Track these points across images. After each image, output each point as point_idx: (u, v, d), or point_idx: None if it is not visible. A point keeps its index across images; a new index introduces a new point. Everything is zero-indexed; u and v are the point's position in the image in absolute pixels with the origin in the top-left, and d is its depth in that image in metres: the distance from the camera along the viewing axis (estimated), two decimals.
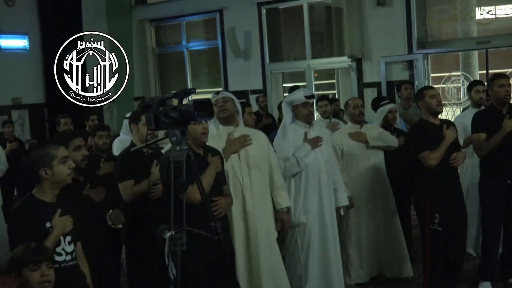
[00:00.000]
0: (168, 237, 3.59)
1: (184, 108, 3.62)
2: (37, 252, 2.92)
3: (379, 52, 10.61)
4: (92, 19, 12.39)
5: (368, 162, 5.80)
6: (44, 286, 2.87)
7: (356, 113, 5.83)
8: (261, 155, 4.77)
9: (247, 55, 11.97)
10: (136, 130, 4.88)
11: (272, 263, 4.74)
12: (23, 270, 2.85)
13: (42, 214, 3.29)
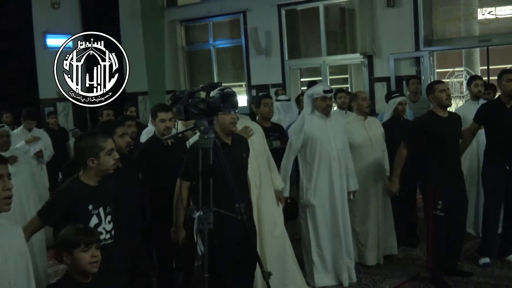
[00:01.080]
0: (196, 217, 3.61)
1: (211, 100, 3.63)
2: (89, 234, 2.91)
3: (388, 49, 10.54)
4: (129, 20, 12.44)
5: (372, 152, 5.72)
6: (93, 266, 2.87)
7: (365, 104, 5.75)
8: (261, 143, 4.79)
9: (268, 52, 11.95)
10: (154, 125, 4.89)
11: (278, 238, 4.77)
12: (75, 251, 2.84)
13: (83, 197, 3.30)
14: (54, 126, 9.09)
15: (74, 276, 2.89)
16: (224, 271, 3.99)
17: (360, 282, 5.28)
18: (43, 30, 10.98)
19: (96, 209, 3.31)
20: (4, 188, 2.41)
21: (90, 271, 2.88)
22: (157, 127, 4.83)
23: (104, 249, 3.26)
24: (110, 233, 3.38)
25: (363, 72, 11.10)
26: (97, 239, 2.94)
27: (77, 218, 3.19)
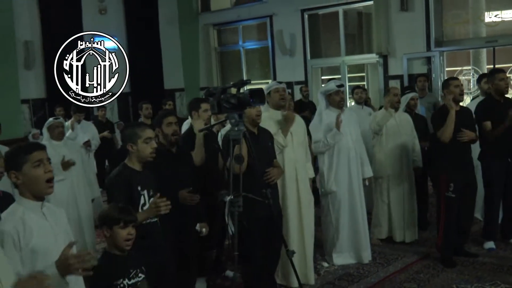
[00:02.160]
0: (227, 201, 3.61)
1: (241, 95, 3.63)
2: (129, 214, 2.93)
3: (402, 50, 10.41)
4: (167, 24, 12.49)
5: (400, 141, 5.73)
6: (127, 244, 2.90)
7: (396, 100, 5.78)
8: (302, 133, 4.76)
9: (292, 53, 11.90)
10: (196, 116, 4.85)
11: (310, 220, 4.75)
12: (114, 227, 2.88)
13: (133, 179, 3.33)
14: (103, 119, 9.18)
15: (111, 250, 2.93)
16: (252, 249, 3.99)
17: (375, 261, 5.26)
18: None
19: (143, 190, 3.34)
20: (46, 171, 2.42)
21: (125, 247, 2.90)
22: (200, 117, 4.81)
23: (148, 227, 3.29)
24: None
25: (378, 70, 10.98)
26: (134, 219, 2.96)
27: (132, 198, 3.24)
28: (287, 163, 4.54)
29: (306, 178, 4.74)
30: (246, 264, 4.03)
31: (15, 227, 2.30)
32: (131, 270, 2.90)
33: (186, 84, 12.98)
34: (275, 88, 4.68)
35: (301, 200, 4.61)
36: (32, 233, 2.34)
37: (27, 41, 9.80)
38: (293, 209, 4.57)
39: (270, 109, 4.69)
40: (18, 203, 2.42)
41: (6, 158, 2.48)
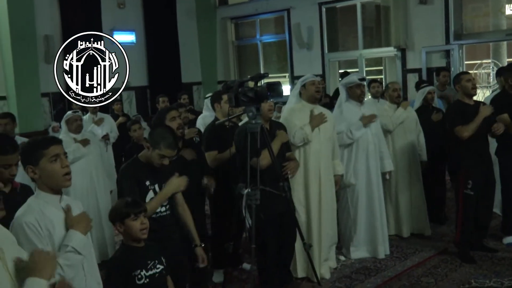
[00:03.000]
0: (245, 194, 3.62)
1: (259, 89, 3.63)
2: (137, 206, 2.95)
3: (420, 43, 10.30)
4: (185, 18, 12.49)
5: (405, 137, 5.68)
6: (143, 233, 2.91)
7: (395, 95, 5.72)
8: (331, 129, 4.72)
9: (309, 46, 11.84)
10: (219, 107, 4.87)
11: (333, 212, 4.75)
12: (126, 220, 2.90)
13: (141, 173, 3.34)
14: (119, 112, 9.22)
15: (128, 243, 2.95)
16: (269, 241, 4.00)
17: (392, 255, 5.23)
18: (110, 27, 11.14)
19: (153, 185, 3.35)
20: (63, 166, 2.42)
21: (141, 237, 2.92)
22: (222, 108, 4.82)
23: (160, 220, 3.31)
24: (165, 207, 3.41)
25: (396, 64, 10.88)
26: (144, 209, 2.97)
27: (138, 191, 3.25)
28: (311, 155, 4.53)
29: (330, 173, 4.69)
30: (262, 257, 4.03)
31: (36, 219, 2.31)
32: (148, 262, 2.92)
33: (203, 78, 13.00)
34: (311, 80, 4.64)
35: (321, 195, 4.58)
36: (53, 226, 2.35)
37: (47, 35, 9.88)
38: (315, 202, 4.55)
39: (303, 101, 4.66)
40: (37, 197, 2.43)
41: (22, 152, 2.48)
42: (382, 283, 4.61)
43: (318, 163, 4.57)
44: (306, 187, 4.54)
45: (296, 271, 4.59)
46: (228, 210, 4.30)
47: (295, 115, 4.48)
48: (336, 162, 4.81)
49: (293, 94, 4.73)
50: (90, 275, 2.49)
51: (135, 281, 2.86)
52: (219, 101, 4.84)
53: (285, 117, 4.62)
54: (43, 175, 2.39)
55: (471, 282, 4.49)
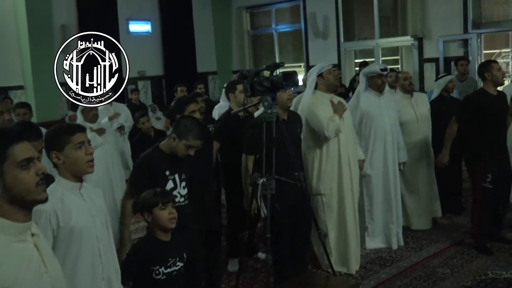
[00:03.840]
0: (260, 183, 3.62)
1: (274, 78, 3.61)
2: (165, 195, 2.98)
3: (438, 32, 10.16)
4: (200, 7, 12.47)
5: (418, 127, 5.60)
6: (171, 222, 2.94)
7: (406, 84, 5.64)
8: (350, 117, 4.70)
9: (325, 36, 11.75)
10: (233, 97, 4.87)
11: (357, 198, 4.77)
12: (154, 209, 2.92)
13: (161, 163, 3.35)
14: (136, 102, 9.28)
15: (155, 234, 2.96)
16: (284, 231, 4.00)
17: (407, 246, 5.21)
18: (126, 17, 11.17)
19: (172, 175, 3.36)
20: (87, 153, 2.46)
21: (169, 227, 2.94)
22: (236, 98, 4.81)
23: (178, 210, 3.33)
24: (184, 197, 3.43)
25: (413, 53, 10.76)
26: (172, 199, 3.01)
27: (156, 182, 3.26)
28: (341, 146, 4.52)
29: (356, 161, 4.69)
30: (277, 246, 4.04)
31: (53, 207, 2.33)
32: (169, 259, 2.93)
33: (218, 67, 12.99)
34: (328, 69, 4.58)
35: (353, 183, 4.60)
36: (71, 213, 2.38)
37: (64, 24, 9.93)
38: (348, 192, 4.56)
39: (319, 92, 4.58)
40: (58, 184, 2.46)
41: (47, 138, 2.51)
42: (397, 273, 4.60)
43: (347, 152, 4.56)
44: (340, 177, 4.54)
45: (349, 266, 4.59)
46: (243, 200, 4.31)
47: (318, 107, 4.43)
48: (357, 148, 4.79)
49: (309, 87, 4.64)
50: (108, 262, 2.52)
51: (152, 275, 2.87)
52: (234, 91, 4.83)
53: (309, 110, 4.51)
54: (68, 161, 2.43)
55: (488, 273, 4.46)
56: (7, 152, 1.68)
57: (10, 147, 1.68)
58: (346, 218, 4.55)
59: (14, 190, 1.67)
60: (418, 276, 4.52)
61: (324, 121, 4.39)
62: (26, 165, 1.69)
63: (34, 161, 1.72)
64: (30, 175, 1.70)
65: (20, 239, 1.69)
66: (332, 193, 4.53)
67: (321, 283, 3.76)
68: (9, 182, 1.67)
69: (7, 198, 1.67)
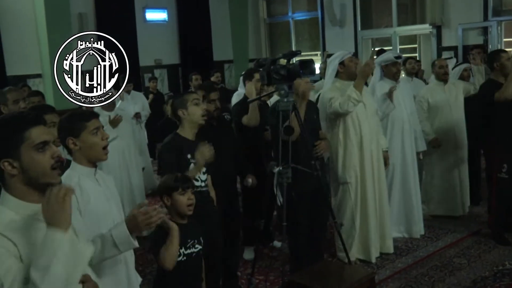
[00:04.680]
0: (276, 172, 3.61)
1: (291, 66, 3.59)
2: (185, 181, 2.99)
3: (457, 20, 10.03)
4: None
5: (451, 115, 5.58)
6: (189, 209, 2.95)
7: (441, 72, 5.59)
8: (374, 104, 4.66)
9: (342, 24, 11.67)
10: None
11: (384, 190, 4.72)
12: (174, 194, 2.94)
13: (184, 148, 3.38)
14: (154, 90, 9.31)
15: (173, 218, 2.98)
16: (300, 220, 4.00)
17: (424, 235, 5.18)
18: (142, 5, 11.19)
19: (194, 158, 3.38)
20: (103, 138, 2.51)
21: (187, 213, 2.95)
22: (253, 86, 4.80)
23: (199, 195, 3.35)
24: (204, 182, 3.45)
25: (431, 41, 10.64)
26: (192, 185, 3.02)
27: (179, 165, 3.28)
28: (364, 134, 4.48)
29: (379, 149, 4.64)
30: (294, 235, 4.04)
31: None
32: (189, 240, 2.94)
33: (235, 56, 12.97)
34: (349, 57, 4.54)
35: (374, 171, 4.57)
36: (89, 198, 2.42)
37: (81, 13, 9.99)
38: (370, 181, 4.53)
39: (340, 81, 4.53)
40: (73, 169, 2.50)
41: (62, 125, 2.54)
42: (413, 263, 4.58)
43: (369, 139, 4.52)
44: (362, 165, 4.51)
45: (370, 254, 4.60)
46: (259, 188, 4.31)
47: (337, 93, 4.40)
48: (380, 136, 4.73)
49: (329, 75, 4.60)
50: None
51: None
52: (250, 78, 4.82)
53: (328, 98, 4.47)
54: (84, 147, 2.47)
55: (505, 264, 4.42)
56: (25, 135, 1.71)
57: (27, 130, 1.72)
58: (368, 208, 4.53)
59: (30, 172, 1.72)
60: (434, 266, 4.50)
61: (336, 101, 4.34)
62: (42, 148, 1.73)
63: (50, 144, 1.76)
64: (45, 158, 1.74)
65: (36, 219, 1.73)
66: (356, 181, 4.52)
67: (337, 272, 3.76)
68: (26, 163, 1.71)
69: (23, 180, 1.72)
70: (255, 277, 4.13)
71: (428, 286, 4.15)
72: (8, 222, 1.67)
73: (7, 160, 1.70)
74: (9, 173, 1.71)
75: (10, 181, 1.72)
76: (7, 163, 1.70)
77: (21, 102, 4.17)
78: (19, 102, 4.16)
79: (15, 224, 1.68)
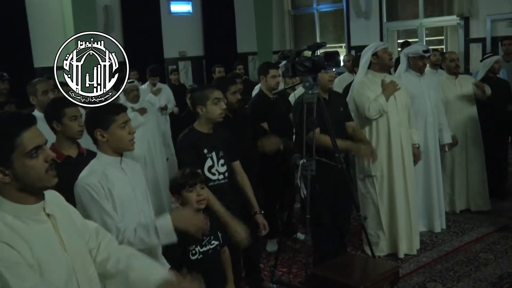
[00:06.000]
0: (300, 164, 3.61)
1: (316, 58, 3.58)
2: (193, 176, 2.96)
3: (486, 11, 9.82)
4: None
5: (462, 110, 5.50)
6: (200, 204, 2.94)
7: (453, 65, 5.50)
8: (405, 97, 4.60)
9: (367, 15, 11.53)
10: (264, 81, 4.83)
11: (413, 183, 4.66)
12: (182, 192, 2.93)
13: (199, 142, 3.37)
14: (176, 82, 9.35)
15: None
16: (324, 213, 3.99)
17: (449, 230, 5.13)
18: None
19: (210, 153, 3.39)
20: (130, 132, 2.56)
21: (198, 208, 2.93)
22: (267, 82, 4.80)
23: (218, 188, 3.35)
24: (223, 174, 3.44)
25: (458, 33, 10.45)
26: (200, 180, 2.97)
27: (198, 160, 3.29)
28: (392, 127, 4.45)
29: (409, 143, 4.60)
30: (317, 228, 4.04)
31: (99, 181, 2.43)
32: (204, 237, 2.94)
33: (259, 48, 12.94)
34: (383, 48, 4.51)
35: (405, 165, 4.52)
36: (114, 186, 2.47)
37: (107, 5, 10.07)
38: (399, 175, 4.49)
39: (371, 72, 4.52)
40: (98, 159, 2.56)
41: (91, 117, 2.58)
42: (438, 258, 4.54)
43: (399, 133, 4.48)
44: (389, 159, 4.48)
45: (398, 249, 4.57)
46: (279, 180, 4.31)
47: (366, 87, 4.38)
48: (412, 131, 4.67)
49: (362, 66, 4.57)
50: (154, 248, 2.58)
51: (189, 256, 2.90)
52: (266, 74, 4.78)
53: (357, 90, 4.48)
54: (112, 139, 2.52)
55: None
56: (16, 142, 1.65)
57: (18, 136, 1.66)
58: (396, 203, 4.49)
59: (25, 179, 1.67)
60: (459, 261, 4.45)
61: (366, 101, 4.34)
62: (35, 153, 1.68)
63: (42, 147, 1.71)
64: (39, 163, 1.69)
65: (36, 220, 1.71)
66: (382, 175, 4.48)
67: (360, 265, 3.75)
68: (19, 171, 1.66)
69: (16, 186, 1.68)
70: (278, 269, 4.15)
71: (453, 281, 4.11)
72: (10, 229, 1.64)
73: None
74: (2, 181, 1.66)
75: (4, 188, 1.67)
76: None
77: (50, 93, 4.22)
78: (48, 93, 4.21)
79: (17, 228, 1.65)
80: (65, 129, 3.03)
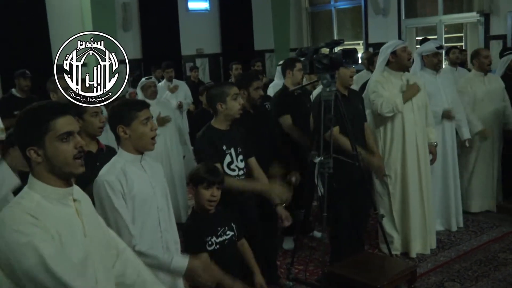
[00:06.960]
0: (317, 162, 3.60)
1: (334, 55, 3.56)
2: (214, 175, 2.97)
3: (506, 7, 9.68)
4: None
5: (491, 106, 5.43)
6: (209, 204, 2.95)
7: (487, 62, 5.43)
8: (423, 97, 4.57)
9: (385, 12, 11.45)
10: (291, 74, 4.82)
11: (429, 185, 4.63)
12: (199, 186, 2.95)
13: (217, 139, 3.38)
14: (195, 79, 9.39)
15: (197, 210, 3.01)
16: (341, 210, 3.98)
17: (467, 229, 5.08)
18: None
19: (229, 149, 3.40)
20: (152, 129, 2.55)
21: (206, 208, 2.95)
22: (294, 76, 4.77)
23: None
24: (242, 170, 3.46)
25: (478, 30, 10.32)
26: (219, 181, 2.98)
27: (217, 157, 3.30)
28: (407, 126, 4.43)
29: (426, 142, 4.56)
30: (335, 226, 4.03)
31: (117, 178, 2.44)
32: (218, 228, 2.97)
33: (276, 45, 12.91)
34: (402, 47, 4.47)
35: (420, 165, 4.49)
36: (133, 184, 2.48)
37: (125, 2, 10.13)
38: (413, 174, 4.47)
39: (388, 70, 4.49)
40: (119, 156, 2.57)
41: (114, 113, 2.59)
42: (456, 257, 4.50)
43: (414, 132, 4.46)
44: (404, 158, 4.46)
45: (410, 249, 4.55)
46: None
47: (380, 86, 4.35)
48: (429, 130, 4.63)
49: (380, 64, 4.53)
50: (166, 231, 2.60)
51: (206, 247, 2.92)
52: (292, 68, 4.77)
53: (372, 88, 4.45)
54: (134, 136, 2.52)
55: None
56: (50, 125, 1.77)
57: (52, 120, 1.77)
58: (410, 202, 4.46)
59: (53, 161, 1.77)
60: (478, 261, 4.41)
61: (380, 98, 4.30)
62: (66, 138, 1.78)
63: (74, 134, 1.81)
64: (69, 148, 1.79)
65: (62, 203, 1.80)
66: (396, 175, 4.45)
67: (378, 264, 3.73)
68: (50, 152, 1.77)
69: (47, 167, 1.78)
70: (294, 267, 4.14)
71: (471, 280, 4.07)
72: (36, 205, 1.74)
73: (32, 148, 1.76)
74: (35, 161, 1.78)
75: (36, 168, 1.79)
76: (32, 151, 1.76)
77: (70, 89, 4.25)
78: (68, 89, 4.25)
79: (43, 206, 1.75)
80: (86, 125, 3.06)
